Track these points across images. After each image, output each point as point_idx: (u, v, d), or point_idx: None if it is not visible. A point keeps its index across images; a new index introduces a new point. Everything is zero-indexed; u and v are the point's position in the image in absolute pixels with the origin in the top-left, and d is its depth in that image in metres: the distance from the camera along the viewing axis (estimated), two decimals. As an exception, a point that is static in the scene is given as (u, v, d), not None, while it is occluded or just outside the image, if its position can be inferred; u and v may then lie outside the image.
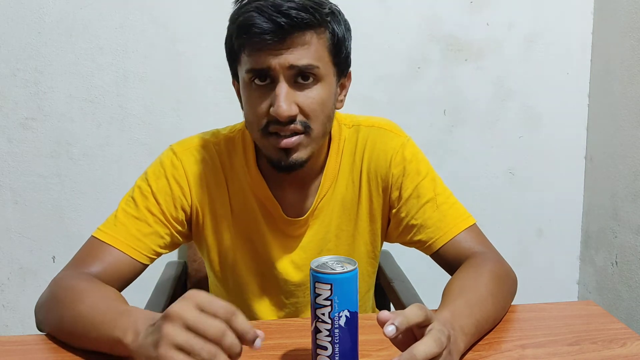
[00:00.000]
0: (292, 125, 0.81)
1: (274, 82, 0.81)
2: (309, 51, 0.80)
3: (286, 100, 0.79)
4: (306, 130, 0.83)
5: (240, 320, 0.58)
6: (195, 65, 1.58)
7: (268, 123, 0.82)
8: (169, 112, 1.60)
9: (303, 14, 0.78)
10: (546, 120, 1.73)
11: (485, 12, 1.65)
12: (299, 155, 0.84)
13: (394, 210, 0.96)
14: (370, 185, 0.96)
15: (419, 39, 1.64)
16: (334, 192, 0.96)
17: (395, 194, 0.95)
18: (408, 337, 0.63)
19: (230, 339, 0.57)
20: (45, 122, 1.57)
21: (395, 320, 0.58)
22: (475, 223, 0.94)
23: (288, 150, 0.83)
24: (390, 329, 0.58)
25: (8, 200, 1.60)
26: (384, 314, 0.60)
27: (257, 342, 0.58)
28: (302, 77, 0.81)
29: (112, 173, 1.61)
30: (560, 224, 1.80)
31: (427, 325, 0.62)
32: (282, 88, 0.80)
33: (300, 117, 0.82)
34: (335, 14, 0.84)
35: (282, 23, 0.77)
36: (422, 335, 0.61)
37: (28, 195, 1.60)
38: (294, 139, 0.82)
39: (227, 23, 0.86)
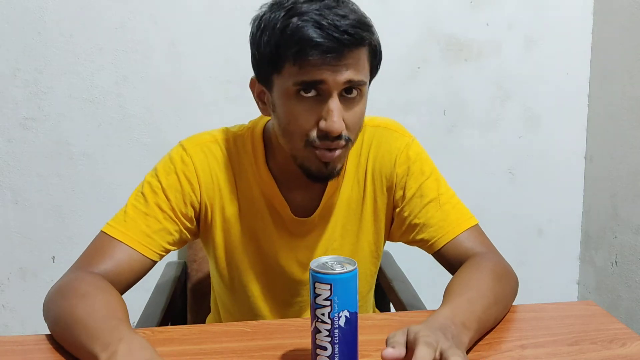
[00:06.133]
0: (340, 141, 0.81)
1: (321, 95, 0.79)
2: (363, 67, 0.81)
3: (339, 116, 0.79)
4: (347, 143, 0.83)
5: None
6: (195, 65, 1.58)
7: (316, 137, 0.81)
8: (169, 112, 1.60)
9: (362, 32, 0.78)
10: (546, 121, 1.73)
11: (485, 12, 1.64)
12: (337, 166, 0.85)
13: (397, 210, 0.96)
14: (374, 184, 0.96)
15: (419, 39, 1.64)
16: (340, 192, 0.96)
17: (399, 194, 0.95)
18: None
19: None
20: (45, 122, 1.57)
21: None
22: (477, 224, 0.95)
23: (328, 163, 0.83)
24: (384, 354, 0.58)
25: (8, 200, 1.60)
26: (389, 353, 0.60)
27: None
28: (347, 91, 0.80)
29: (112, 173, 1.61)
30: (560, 224, 1.80)
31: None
32: (336, 104, 0.79)
33: (345, 132, 0.81)
34: (374, 27, 0.84)
35: (345, 41, 0.76)
36: None
37: (28, 195, 1.60)
38: (338, 152, 0.83)
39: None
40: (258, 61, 0.84)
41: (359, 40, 0.77)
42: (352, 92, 0.81)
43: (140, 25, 1.55)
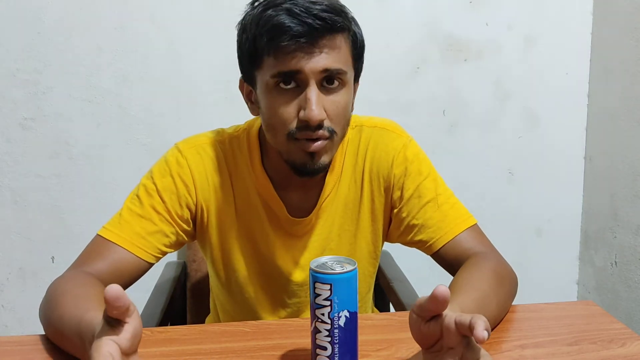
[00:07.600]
0: (320, 131, 0.81)
1: (300, 86, 0.80)
2: (339, 54, 0.81)
3: (317, 104, 0.79)
4: (331, 135, 0.83)
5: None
6: (195, 65, 1.58)
7: (295, 128, 0.81)
8: (168, 112, 1.60)
9: (335, 17, 0.78)
10: (545, 121, 1.73)
11: (485, 12, 1.65)
12: (324, 159, 0.84)
13: (395, 210, 0.96)
14: (372, 185, 0.96)
15: (419, 39, 1.64)
16: (337, 192, 0.96)
17: (396, 194, 0.95)
18: (432, 330, 0.61)
19: None
20: (45, 122, 1.57)
21: (484, 325, 0.55)
22: (476, 223, 0.94)
23: (314, 155, 0.83)
24: (485, 335, 0.54)
25: (8, 200, 1.60)
26: (441, 289, 0.57)
27: None
28: (328, 81, 0.81)
29: (111, 173, 1.61)
30: (559, 224, 1.80)
31: None
32: (314, 92, 0.79)
33: (327, 122, 0.81)
34: (355, 19, 0.85)
35: (316, 25, 0.76)
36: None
37: (28, 195, 1.60)
38: (321, 142, 0.82)
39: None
40: (241, 60, 0.86)
41: (331, 24, 0.78)
42: (333, 82, 0.81)
43: (140, 25, 1.54)
